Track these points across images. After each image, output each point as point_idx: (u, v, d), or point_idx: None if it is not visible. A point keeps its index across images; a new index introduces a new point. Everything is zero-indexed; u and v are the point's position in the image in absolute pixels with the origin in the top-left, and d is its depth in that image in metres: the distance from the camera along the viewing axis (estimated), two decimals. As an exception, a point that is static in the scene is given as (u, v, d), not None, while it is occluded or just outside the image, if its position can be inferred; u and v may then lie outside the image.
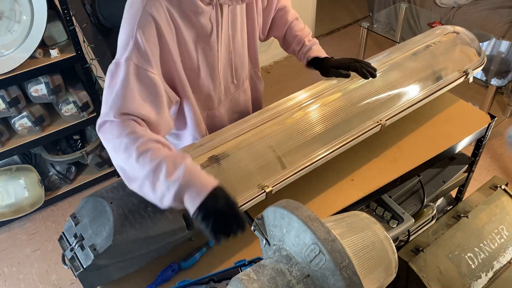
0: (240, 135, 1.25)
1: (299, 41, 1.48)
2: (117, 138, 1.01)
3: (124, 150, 1.00)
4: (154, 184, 0.97)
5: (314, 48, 1.47)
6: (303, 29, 1.50)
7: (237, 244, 1.25)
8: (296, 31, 1.48)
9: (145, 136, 1.01)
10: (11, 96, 2.17)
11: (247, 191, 1.18)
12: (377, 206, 1.47)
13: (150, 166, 0.97)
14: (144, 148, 0.99)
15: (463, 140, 1.57)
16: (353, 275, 0.72)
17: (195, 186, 0.97)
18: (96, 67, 2.37)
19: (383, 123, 1.39)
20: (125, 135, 1.00)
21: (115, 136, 1.02)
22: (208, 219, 0.95)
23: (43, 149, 2.55)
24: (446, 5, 3.56)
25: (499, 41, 3.15)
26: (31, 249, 2.43)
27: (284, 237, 0.80)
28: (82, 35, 2.27)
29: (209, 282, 1.06)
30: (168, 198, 0.97)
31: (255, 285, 0.75)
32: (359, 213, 0.92)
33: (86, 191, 2.72)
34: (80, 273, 1.06)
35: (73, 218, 1.10)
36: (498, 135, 2.97)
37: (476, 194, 1.61)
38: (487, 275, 1.44)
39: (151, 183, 0.97)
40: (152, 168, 0.97)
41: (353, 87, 1.42)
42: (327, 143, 1.31)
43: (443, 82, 1.54)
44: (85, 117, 2.44)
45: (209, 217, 0.95)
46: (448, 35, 1.67)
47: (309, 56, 1.47)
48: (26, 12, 2.02)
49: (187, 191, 0.96)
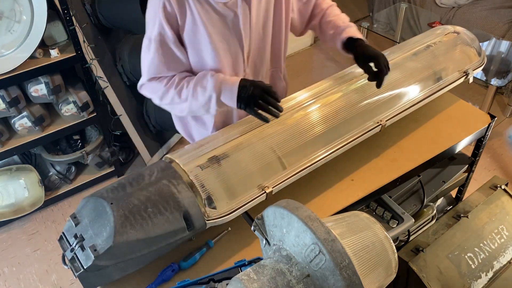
0: (240, 135, 1.25)
1: (334, 25, 1.43)
2: (158, 90, 1.31)
3: (163, 95, 1.31)
4: (198, 104, 1.28)
5: (349, 30, 1.40)
6: (338, 14, 1.46)
7: (237, 244, 1.25)
8: (331, 17, 1.44)
9: (175, 76, 1.30)
10: (11, 96, 2.17)
11: (247, 192, 1.18)
12: (377, 206, 1.47)
13: (189, 95, 1.28)
14: (179, 87, 1.29)
15: (463, 140, 1.57)
16: (353, 275, 0.72)
17: (226, 90, 1.25)
18: (96, 67, 2.37)
19: (383, 123, 1.39)
20: (163, 85, 1.30)
21: (156, 89, 1.32)
22: (249, 105, 1.23)
23: (43, 149, 2.55)
24: (446, 5, 3.56)
25: (499, 41, 3.15)
26: (31, 249, 2.43)
27: (284, 237, 0.80)
28: (82, 35, 2.27)
29: (209, 282, 1.06)
30: (212, 107, 1.28)
31: (255, 285, 0.75)
32: (359, 213, 0.92)
33: (86, 191, 2.72)
34: (80, 274, 1.06)
35: (73, 218, 1.10)
36: (498, 135, 2.97)
37: (476, 194, 1.61)
38: (487, 275, 1.44)
39: (198, 105, 1.29)
40: (191, 94, 1.28)
41: (353, 88, 1.42)
42: (327, 143, 1.31)
43: (443, 82, 1.54)
44: (85, 117, 2.44)
45: (248, 103, 1.23)
46: (449, 35, 1.67)
47: (343, 37, 1.39)
48: (26, 12, 2.02)
49: (222, 96, 1.25)
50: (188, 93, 1.28)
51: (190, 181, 1.13)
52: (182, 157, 1.19)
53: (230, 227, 1.28)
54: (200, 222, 1.11)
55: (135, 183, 1.12)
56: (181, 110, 1.34)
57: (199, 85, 1.27)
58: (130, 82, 2.60)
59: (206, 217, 1.12)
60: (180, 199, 1.09)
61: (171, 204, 1.08)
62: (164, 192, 1.09)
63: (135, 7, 2.19)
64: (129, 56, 2.49)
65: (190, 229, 1.11)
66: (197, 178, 1.14)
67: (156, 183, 1.11)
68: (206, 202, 1.13)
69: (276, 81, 1.53)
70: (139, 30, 2.46)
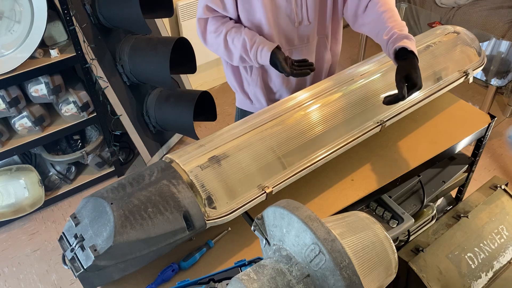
0: (240, 135, 1.25)
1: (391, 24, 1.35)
2: (216, 46, 1.49)
3: (225, 48, 1.47)
4: (249, 55, 1.45)
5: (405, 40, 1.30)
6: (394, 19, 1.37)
7: (237, 244, 1.25)
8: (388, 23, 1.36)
9: (228, 31, 1.45)
10: (11, 96, 2.17)
11: (247, 192, 1.18)
12: (377, 206, 1.47)
13: (240, 53, 1.45)
14: (231, 41, 1.45)
15: (463, 140, 1.57)
16: (353, 275, 0.72)
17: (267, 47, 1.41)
18: (96, 67, 2.38)
19: (383, 123, 1.39)
20: (220, 40, 1.46)
21: (214, 45, 1.50)
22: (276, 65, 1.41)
23: (43, 149, 2.55)
24: (446, 5, 3.56)
25: (499, 41, 3.15)
26: (31, 249, 2.43)
27: (284, 237, 0.80)
28: (82, 35, 2.27)
29: (209, 282, 1.06)
30: (264, 60, 1.42)
31: (255, 285, 0.75)
32: (359, 213, 0.92)
33: (86, 191, 2.72)
34: (80, 274, 1.06)
35: (74, 218, 1.10)
36: (498, 135, 2.97)
37: (476, 194, 1.61)
38: (487, 275, 1.44)
39: (250, 56, 1.45)
40: (243, 53, 1.45)
41: (353, 88, 1.42)
42: (327, 143, 1.31)
43: (443, 82, 1.54)
44: (85, 117, 2.44)
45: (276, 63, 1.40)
46: (449, 35, 1.67)
47: (397, 46, 1.30)
48: (26, 12, 2.02)
49: (264, 52, 1.41)
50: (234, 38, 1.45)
51: (190, 181, 1.13)
52: (182, 157, 1.19)
53: (230, 227, 1.28)
54: (200, 222, 1.11)
55: (135, 183, 1.12)
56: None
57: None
58: (130, 82, 2.60)
59: (206, 217, 1.12)
60: (180, 199, 1.09)
61: (171, 204, 1.08)
62: (164, 192, 1.09)
63: (135, 7, 2.19)
64: (129, 56, 2.49)
65: (190, 229, 1.11)
66: (197, 178, 1.14)
67: (156, 183, 1.11)
68: (206, 202, 1.13)
69: (322, 50, 1.59)
70: (139, 30, 2.47)
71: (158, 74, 2.39)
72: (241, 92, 1.68)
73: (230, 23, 1.47)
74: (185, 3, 2.98)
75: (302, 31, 1.50)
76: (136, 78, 2.56)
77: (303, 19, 1.47)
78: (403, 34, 1.32)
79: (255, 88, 1.62)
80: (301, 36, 1.51)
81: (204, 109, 2.71)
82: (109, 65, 2.49)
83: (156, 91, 2.75)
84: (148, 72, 2.45)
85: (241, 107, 1.75)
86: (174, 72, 2.60)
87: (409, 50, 1.28)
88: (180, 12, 2.99)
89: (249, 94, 1.67)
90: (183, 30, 3.07)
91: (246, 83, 1.65)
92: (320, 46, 1.58)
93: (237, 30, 1.44)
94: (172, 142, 3.02)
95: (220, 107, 3.28)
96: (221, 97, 3.45)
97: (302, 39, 1.52)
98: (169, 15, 2.59)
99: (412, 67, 1.26)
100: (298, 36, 1.51)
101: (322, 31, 1.55)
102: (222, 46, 1.47)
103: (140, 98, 2.72)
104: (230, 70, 1.65)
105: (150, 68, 2.41)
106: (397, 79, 1.25)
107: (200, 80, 3.47)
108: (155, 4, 2.53)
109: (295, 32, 1.49)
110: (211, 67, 3.49)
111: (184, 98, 2.60)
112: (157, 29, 2.83)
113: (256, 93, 1.64)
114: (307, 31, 1.50)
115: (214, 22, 1.46)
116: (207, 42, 1.51)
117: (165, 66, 2.31)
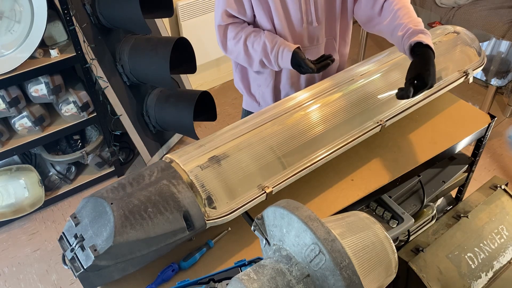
0: (240, 135, 1.25)
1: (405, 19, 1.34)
2: (236, 52, 1.48)
3: (245, 53, 1.47)
4: (269, 58, 1.44)
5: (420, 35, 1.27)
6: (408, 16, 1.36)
7: (237, 244, 1.25)
8: (400, 19, 1.35)
9: (247, 36, 1.45)
10: (11, 96, 2.17)
11: (247, 192, 1.18)
12: (377, 206, 1.47)
13: (261, 57, 1.45)
14: (251, 46, 1.45)
15: (463, 140, 1.57)
16: (353, 275, 0.72)
17: (288, 48, 1.41)
18: (96, 67, 2.37)
19: (383, 123, 1.39)
20: (240, 45, 1.45)
21: (234, 52, 1.49)
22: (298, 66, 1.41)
23: (43, 149, 2.55)
24: (446, 5, 3.56)
25: (499, 41, 3.15)
26: (31, 249, 2.43)
27: (284, 237, 0.80)
28: (82, 35, 2.27)
29: (209, 282, 1.06)
30: (285, 61, 1.41)
31: (255, 285, 0.75)
32: (359, 213, 0.92)
33: (86, 191, 2.72)
34: (80, 274, 1.06)
35: (74, 218, 1.10)
36: (498, 135, 2.97)
37: (476, 194, 1.61)
38: (487, 275, 1.44)
39: (270, 58, 1.44)
40: (263, 57, 1.45)
41: (353, 88, 1.42)
42: (327, 143, 1.31)
43: (443, 82, 1.54)
44: (85, 117, 2.44)
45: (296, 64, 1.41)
46: (449, 35, 1.67)
47: (412, 42, 1.27)
48: (26, 12, 2.02)
49: (286, 53, 1.41)
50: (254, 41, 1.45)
51: (190, 181, 1.13)
52: (182, 157, 1.19)
53: (230, 227, 1.28)
54: (200, 222, 1.11)
55: (135, 183, 1.12)
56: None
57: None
58: (130, 82, 2.60)
59: (206, 217, 1.12)
60: (180, 199, 1.09)
61: (171, 204, 1.08)
62: (164, 192, 1.09)
63: (135, 7, 2.19)
64: (129, 56, 2.49)
65: (190, 229, 1.11)
66: (197, 178, 1.14)
67: (156, 183, 1.11)
68: (206, 202, 1.13)
69: (330, 51, 1.58)
70: (139, 30, 2.47)
71: (158, 74, 2.39)
72: (248, 94, 1.68)
73: (249, 28, 1.46)
74: (185, 3, 2.98)
75: (311, 32, 1.50)
76: (136, 78, 2.56)
77: (312, 20, 1.46)
78: (418, 29, 1.29)
79: (266, 89, 1.62)
80: (311, 37, 1.51)
81: (204, 109, 2.71)
82: (109, 65, 2.49)
83: (156, 91, 2.75)
84: (148, 72, 2.45)
85: (248, 109, 1.75)
86: (174, 72, 2.60)
87: (424, 44, 1.25)
88: (180, 12, 2.99)
89: (256, 96, 1.67)
90: (183, 30, 3.07)
91: (255, 85, 1.65)
92: (328, 48, 1.58)
93: (256, 35, 1.44)
94: (172, 142, 3.02)
95: (220, 107, 3.28)
96: (221, 97, 3.45)
97: (312, 41, 1.52)
98: (169, 15, 2.59)
99: (426, 64, 1.22)
100: (307, 37, 1.51)
101: (331, 32, 1.55)
102: (242, 52, 1.46)
103: (140, 98, 2.72)
104: (238, 73, 1.65)
105: (150, 68, 2.41)
106: (407, 77, 1.23)
107: (200, 80, 3.47)
108: (155, 4, 2.53)
109: (305, 33, 1.49)
110: (211, 67, 3.49)
111: (184, 98, 2.60)
112: (157, 29, 2.83)
113: (265, 94, 1.63)
114: (316, 32, 1.50)
115: (234, 29, 1.45)
116: (227, 49, 1.50)
117: (165, 66, 2.31)
